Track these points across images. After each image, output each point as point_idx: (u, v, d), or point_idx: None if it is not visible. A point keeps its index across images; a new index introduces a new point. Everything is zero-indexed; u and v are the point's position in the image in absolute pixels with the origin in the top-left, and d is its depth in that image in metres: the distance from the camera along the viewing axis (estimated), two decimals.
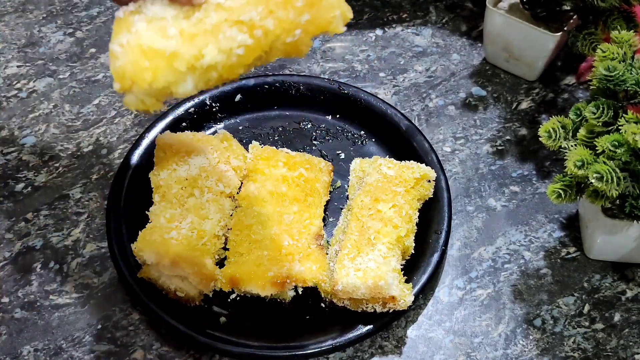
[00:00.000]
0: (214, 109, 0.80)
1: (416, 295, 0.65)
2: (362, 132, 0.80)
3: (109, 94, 0.84)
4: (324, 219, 0.72)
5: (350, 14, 0.50)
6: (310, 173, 0.71)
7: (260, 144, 0.75)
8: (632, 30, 0.66)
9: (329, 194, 0.74)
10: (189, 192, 0.67)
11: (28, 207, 0.74)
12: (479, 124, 0.83)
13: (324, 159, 0.77)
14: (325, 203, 0.72)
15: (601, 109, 0.62)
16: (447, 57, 0.90)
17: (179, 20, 0.50)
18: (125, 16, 0.51)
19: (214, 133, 0.78)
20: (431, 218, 0.71)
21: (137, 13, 0.51)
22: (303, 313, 0.67)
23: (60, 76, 0.86)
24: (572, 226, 0.75)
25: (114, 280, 0.69)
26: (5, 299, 0.68)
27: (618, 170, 0.59)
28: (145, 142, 0.75)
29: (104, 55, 0.88)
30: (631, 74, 0.62)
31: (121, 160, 0.75)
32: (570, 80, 0.88)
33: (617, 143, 0.59)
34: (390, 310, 0.63)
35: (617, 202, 0.63)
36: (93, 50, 0.89)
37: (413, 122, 0.79)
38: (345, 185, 0.75)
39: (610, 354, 0.66)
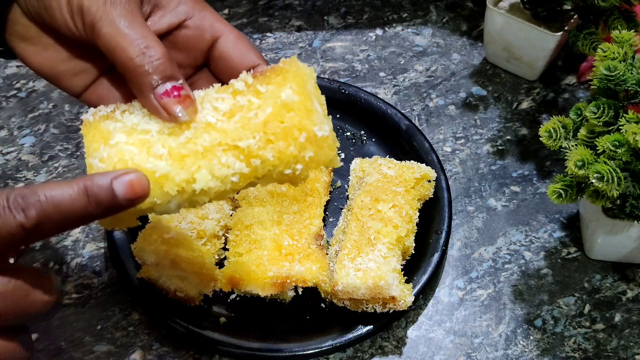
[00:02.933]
0: None
1: (416, 296, 0.65)
2: (362, 132, 0.80)
3: None
4: (324, 219, 0.71)
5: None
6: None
7: None
8: (632, 30, 0.66)
9: (329, 194, 0.74)
10: None
11: None
12: (480, 124, 0.83)
13: None
14: (325, 203, 0.72)
15: (602, 108, 0.61)
16: (448, 56, 0.90)
17: (164, 137, 0.45)
18: (96, 121, 0.46)
19: None
20: (431, 218, 0.71)
21: (110, 119, 0.46)
22: (303, 313, 0.66)
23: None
24: (573, 226, 0.75)
25: (114, 280, 0.69)
26: None
27: (619, 170, 0.59)
28: None
29: None
30: (632, 73, 0.62)
31: None
32: (571, 80, 0.88)
33: (617, 143, 0.59)
34: (391, 311, 0.63)
35: (618, 202, 0.63)
36: None
37: (413, 122, 0.79)
38: (345, 185, 0.75)
39: (610, 354, 0.66)
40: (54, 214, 0.40)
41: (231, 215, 0.69)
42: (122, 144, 0.45)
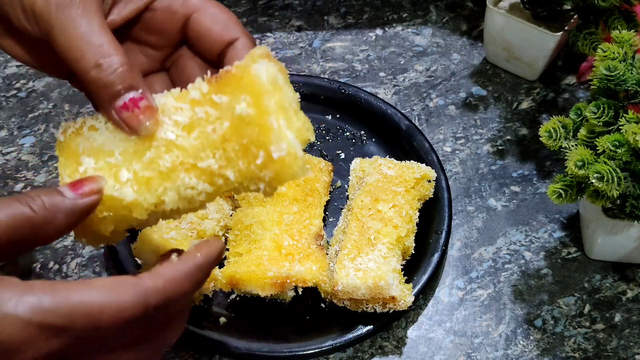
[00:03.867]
0: None
1: (416, 296, 0.65)
2: (362, 132, 0.80)
3: None
4: (324, 219, 0.71)
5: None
6: (310, 173, 0.71)
7: None
8: (632, 30, 0.66)
9: (329, 194, 0.74)
10: None
11: None
12: (480, 124, 0.83)
13: (324, 159, 0.76)
14: (325, 203, 0.72)
15: (602, 108, 0.61)
16: (448, 56, 0.90)
17: (128, 157, 0.44)
18: (67, 140, 0.46)
19: None
20: (431, 218, 0.71)
21: (79, 136, 0.45)
22: (303, 313, 0.66)
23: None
24: (573, 226, 0.75)
25: None
26: None
27: (619, 170, 0.59)
28: None
29: None
30: (632, 73, 0.62)
31: None
32: (571, 80, 0.88)
33: (617, 143, 0.59)
34: (391, 311, 0.63)
35: (618, 202, 0.63)
36: None
37: (413, 122, 0.79)
38: (345, 185, 0.75)
39: (610, 354, 0.66)
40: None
41: (231, 215, 0.69)
42: (90, 170, 0.44)
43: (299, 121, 0.43)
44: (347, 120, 0.81)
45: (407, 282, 0.65)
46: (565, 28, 0.81)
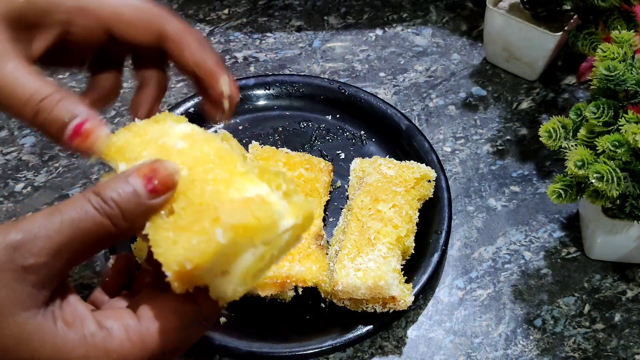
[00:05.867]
0: None
1: (416, 296, 0.65)
2: (362, 132, 0.80)
3: None
4: (324, 219, 0.71)
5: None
6: (310, 173, 0.71)
7: (260, 144, 0.74)
8: (632, 30, 0.66)
9: (329, 194, 0.74)
10: None
11: (28, 207, 0.74)
12: (479, 124, 0.83)
13: (324, 159, 0.76)
14: (325, 203, 0.72)
15: (601, 108, 0.61)
16: (447, 56, 0.90)
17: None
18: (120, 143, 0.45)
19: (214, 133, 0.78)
20: (431, 218, 0.71)
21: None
22: (303, 313, 0.66)
23: (60, 76, 0.86)
24: (573, 226, 0.75)
25: None
26: None
27: (618, 170, 0.59)
28: None
29: None
30: (631, 73, 0.62)
31: None
32: (571, 80, 0.88)
33: (617, 143, 0.59)
34: (390, 311, 0.63)
35: (618, 202, 0.63)
36: None
37: (413, 122, 0.79)
38: (345, 185, 0.75)
39: (610, 354, 0.66)
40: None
41: None
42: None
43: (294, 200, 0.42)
44: (347, 120, 0.81)
45: (407, 282, 0.65)
46: (565, 28, 0.81)
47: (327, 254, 0.67)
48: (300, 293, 0.65)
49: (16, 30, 0.46)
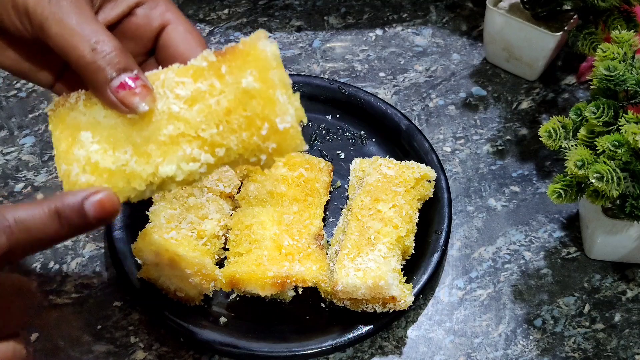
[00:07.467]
0: None
1: (416, 296, 0.65)
2: (362, 132, 0.80)
3: None
4: (324, 219, 0.71)
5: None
6: (310, 173, 0.71)
7: None
8: (632, 30, 0.66)
9: (329, 194, 0.74)
10: (188, 192, 0.67)
11: None
12: (479, 124, 0.83)
13: (324, 159, 0.76)
14: (325, 203, 0.72)
15: (601, 108, 0.61)
16: (447, 56, 0.90)
17: (127, 129, 0.45)
18: (61, 115, 0.47)
19: None
20: (431, 218, 0.71)
21: (74, 110, 0.47)
22: (303, 313, 0.67)
23: None
24: (573, 226, 0.75)
25: (114, 280, 0.69)
26: None
27: (618, 170, 0.59)
28: None
29: None
30: (631, 73, 0.62)
31: None
32: (571, 80, 0.88)
33: (617, 143, 0.59)
34: (390, 311, 0.63)
35: (618, 202, 0.63)
36: None
37: (413, 122, 0.79)
38: (345, 185, 0.75)
39: (610, 354, 0.66)
40: (24, 238, 0.40)
41: (231, 215, 0.69)
42: (88, 143, 0.45)
43: (296, 101, 0.45)
44: (347, 120, 0.81)
45: (407, 282, 0.65)
46: (565, 28, 0.81)
47: (327, 254, 0.67)
48: (300, 293, 0.65)
49: None
